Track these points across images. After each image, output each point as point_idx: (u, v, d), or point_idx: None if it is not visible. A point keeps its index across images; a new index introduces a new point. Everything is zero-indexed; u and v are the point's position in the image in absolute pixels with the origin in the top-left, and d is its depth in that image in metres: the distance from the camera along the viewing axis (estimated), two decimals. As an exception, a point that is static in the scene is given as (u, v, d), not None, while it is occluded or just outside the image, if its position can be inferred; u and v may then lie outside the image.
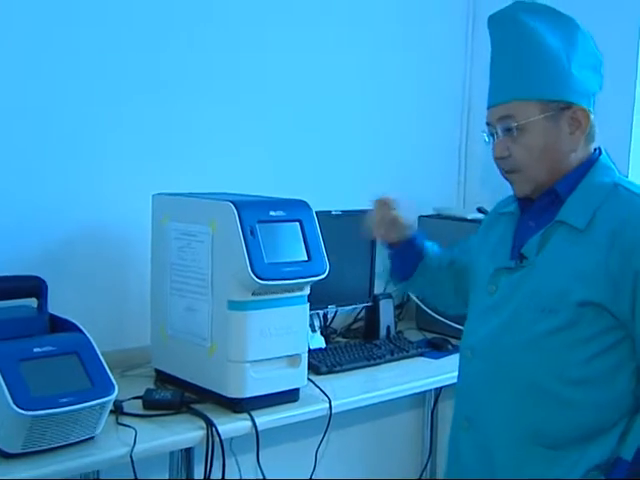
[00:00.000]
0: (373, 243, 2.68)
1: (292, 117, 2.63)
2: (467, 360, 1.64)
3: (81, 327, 1.82)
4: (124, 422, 1.83)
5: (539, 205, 1.59)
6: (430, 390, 2.80)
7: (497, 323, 1.56)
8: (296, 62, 2.62)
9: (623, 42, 2.62)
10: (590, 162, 1.56)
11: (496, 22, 1.60)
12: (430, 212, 2.94)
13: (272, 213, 1.95)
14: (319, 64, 2.68)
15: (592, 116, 1.55)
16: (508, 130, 1.53)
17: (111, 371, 1.77)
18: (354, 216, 2.62)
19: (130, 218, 2.25)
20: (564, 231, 1.51)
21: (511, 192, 1.65)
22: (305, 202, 2.03)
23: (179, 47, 2.35)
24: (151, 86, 2.30)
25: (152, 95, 2.31)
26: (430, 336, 2.72)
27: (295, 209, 2.00)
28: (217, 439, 1.83)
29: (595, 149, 1.59)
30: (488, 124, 1.60)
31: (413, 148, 2.99)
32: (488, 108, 1.59)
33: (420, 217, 2.90)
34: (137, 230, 2.22)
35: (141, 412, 1.91)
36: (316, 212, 2.09)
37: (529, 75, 1.52)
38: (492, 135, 1.59)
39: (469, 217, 2.77)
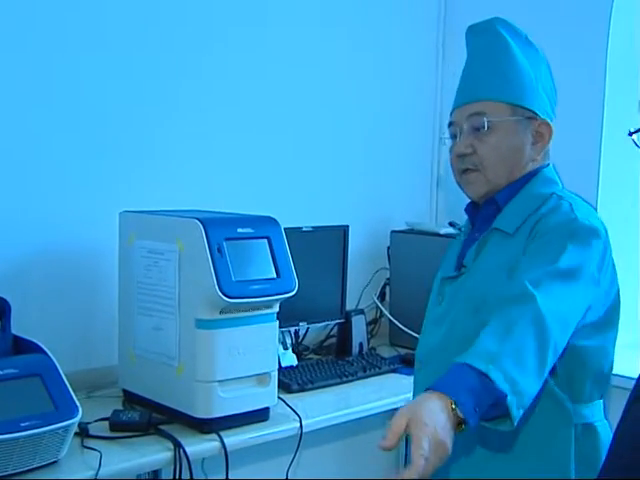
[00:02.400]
0: (345, 258, 2.67)
1: (262, 133, 2.60)
2: (417, 371, 1.67)
3: (45, 349, 1.78)
4: (90, 445, 1.80)
5: (483, 215, 1.62)
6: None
7: (441, 332, 1.59)
8: (264, 76, 2.60)
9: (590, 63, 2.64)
10: (532, 174, 1.60)
11: (476, 31, 1.66)
12: (403, 227, 2.94)
13: (240, 230, 1.93)
14: (288, 78, 2.66)
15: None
16: (476, 128, 1.57)
17: (78, 392, 1.74)
18: (325, 232, 2.63)
19: (98, 236, 2.21)
20: (497, 237, 1.56)
21: None
22: (273, 218, 2.01)
23: (145, 64, 2.33)
24: (118, 103, 2.28)
25: (119, 111, 2.28)
26: (403, 352, 2.70)
27: (263, 226, 1.98)
28: (185, 460, 1.80)
29: (547, 164, 1.63)
30: (451, 124, 1.63)
31: (385, 163, 2.98)
32: (456, 108, 1.63)
33: (392, 232, 2.90)
34: (105, 248, 2.19)
35: (107, 434, 1.87)
36: (286, 228, 2.08)
37: (503, 79, 1.58)
38: (454, 136, 1.62)
39: (442, 232, 2.76)
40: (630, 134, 1.09)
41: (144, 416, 1.92)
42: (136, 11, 2.29)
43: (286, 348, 2.47)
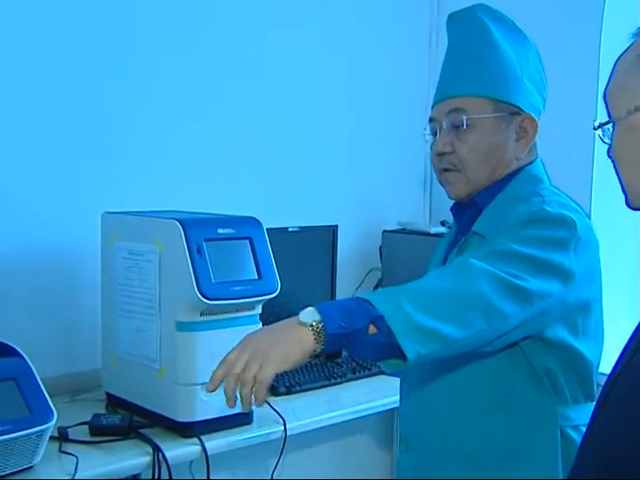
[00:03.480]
0: (334, 259, 2.64)
1: (246, 131, 2.57)
2: (401, 380, 1.64)
3: (21, 352, 1.76)
4: (68, 450, 1.77)
5: (465, 218, 1.56)
6: (396, 408, 2.74)
7: None
8: (248, 74, 2.56)
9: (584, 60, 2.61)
10: (514, 173, 1.52)
11: (456, 19, 1.58)
12: (395, 227, 2.91)
13: (220, 231, 1.90)
14: (274, 76, 2.62)
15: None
16: (455, 125, 1.50)
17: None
18: (313, 232, 2.60)
19: (80, 238, 2.19)
20: (477, 241, 1.49)
21: None
22: (255, 219, 1.98)
23: (125, 66, 2.30)
24: (100, 104, 2.25)
25: (102, 113, 2.26)
26: (394, 353, 2.67)
27: (245, 226, 1.95)
28: (164, 465, 1.77)
29: (533, 160, 1.56)
30: (432, 120, 1.56)
31: (376, 161, 2.94)
32: (436, 103, 1.56)
33: (384, 232, 2.87)
34: (87, 250, 2.17)
35: (87, 438, 1.84)
36: (272, 229, 2.05)
37: (484, 72, 1.50)
38: (434, 133, 1.56)
39: (432, 231, 2.73)
40: (595, 129, 1.04)
41: (125, 420, 1.89)
42: (115, 12, 2.27)
43: (274, 350, 2.44)
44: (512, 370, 1.43)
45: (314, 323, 1.18)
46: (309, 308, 1.21)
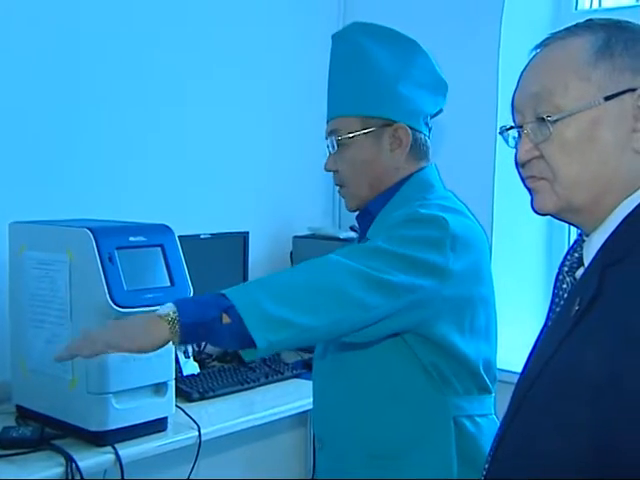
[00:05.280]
0: (245, 265, 2.67)
1: (157, 139, 2.57)
2: (314, 381, 1.69)
3: None
4: (-23, 464, 1.74)
5: (361, 224, 1.64)
6: (310, 410, 2.79)
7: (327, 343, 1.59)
8: (161, 77, 2.56)
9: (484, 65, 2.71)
10: (405, 179, 1.58)
11: (335, 41, 1.65)
12: (305, 232, 2.95)
13: (132, 239, 1.90)
14: (186, 81, 2.63)
15: (421, 135, 1.58)
16: (334, 145, 1.58)
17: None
18: (225, 239, 2.62)
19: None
20: None
21: None
22: (167, 226, 1.99)
23: (29, 72, 2.27)
24: (4, 112, 2.22)
25: (6, 121, 2.22)
26: (307, 357, 2.71)
27: (156, 234, 1.96)
28: (78, 475, 1.76)
29: (424, 167, 1.60)
30: (326, 139, 1.64)
31: (285, 167, 2.98)
32: (326, 123, 1.64)
33: (295, 237, 2.91)
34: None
35: (-3, 452, 1.82)
36: (183, 236, 2.06)
37: (353, 92, 1.57)
38: (327, 148, 1.64)
39: (341, 236, 2.79)
40: (501, 132, 1.09)
41: (36, 431, 1.87)
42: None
43: (188, 357, 2.45)
44: (403, 364, 1.49)
45: (171, 313, 1.26)
46: (168, 303, 1.29)
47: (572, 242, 1.10)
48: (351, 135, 1.55)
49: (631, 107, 0.98)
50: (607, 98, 0.99)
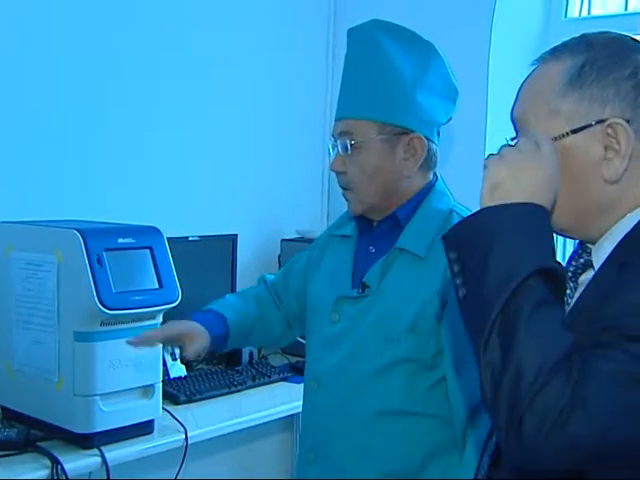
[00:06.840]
0: (234, 268, 2.66)
1: (147, 141, 2.56)
2: (312, 391, 1.62)
3: None
4: (-39, 466, 1.73)
5: (379, 230, 1.59)
6: (296, 414, 2.78)
7: (342, 353, 1.55)
8: (146, 77, 2.55)
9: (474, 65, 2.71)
10: (428, 189, 1.58)
11: (353, 37, 1.61)
12: (294, 235, 2.95)
13: (121, 240, 1.90)
14: (172, 81, 2.62)
15: (434, 145, 1.56)
16: (345, 147, 1.54)
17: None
18: (213, 241, 2.62)
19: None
20: (405, 259, 1.52)
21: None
22: (156, 228, 1.99)
23: (12, 70, 2.26)
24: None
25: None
26: (294, 360, 2.70)
27: (145, 236, 1.96)
28: (63, 477, 1.75)
29: (434, 175, 1.61)
30: (333, 136, 1.60)
31: (274, 170, 2.97)
32: (335, 120, 1.60)
33: (283, 240, 2.91)
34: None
35: (-19, 454, 1.81)
36: (172, 238, 2.06)
37: (372, 96, 1.53)
38: (334, 148, 1.59)
39: (330, 240, 2.77)
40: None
41: (21, 433, 1.86)
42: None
43: (175, 359, 2.42)
44: (420, 382, 1.50)
45: None
46: None
47: (575, 248, 1.11)
48: (368, 139, 1.52)
49: (601, 137, 1.00)
50: (574, 131, 1.01)
